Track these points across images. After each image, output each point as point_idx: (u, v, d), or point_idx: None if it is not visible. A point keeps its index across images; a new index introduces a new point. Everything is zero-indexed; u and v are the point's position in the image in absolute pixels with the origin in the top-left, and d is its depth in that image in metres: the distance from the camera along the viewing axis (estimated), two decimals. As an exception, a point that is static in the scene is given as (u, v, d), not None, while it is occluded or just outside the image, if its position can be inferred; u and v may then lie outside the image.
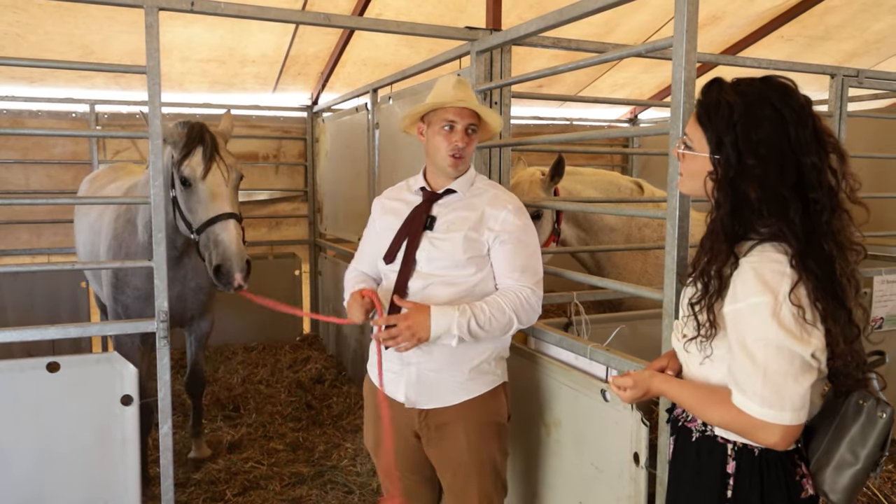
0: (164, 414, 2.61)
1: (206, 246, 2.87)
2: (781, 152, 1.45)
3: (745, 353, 1.42)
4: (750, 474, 1.52)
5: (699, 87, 1.90)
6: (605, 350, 2.32)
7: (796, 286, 1.39)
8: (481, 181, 2.38)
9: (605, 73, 6.32)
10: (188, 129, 2.93)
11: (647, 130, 2.29)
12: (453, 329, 2.07)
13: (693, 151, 1.57)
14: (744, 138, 1.46)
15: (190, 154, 2.88)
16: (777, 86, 1.50)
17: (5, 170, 5.29)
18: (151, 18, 2.45)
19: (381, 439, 2.27)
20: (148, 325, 2.57)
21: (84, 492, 2.55)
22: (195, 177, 2.88)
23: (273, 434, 4.40)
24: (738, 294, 1.44)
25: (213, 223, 2.83)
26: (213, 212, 2.85)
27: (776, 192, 1.44)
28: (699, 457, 1.60)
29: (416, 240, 2.25)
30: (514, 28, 2.73)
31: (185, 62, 5.20)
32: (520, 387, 2.72)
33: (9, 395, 2.42)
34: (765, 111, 1.46)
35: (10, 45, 4.68)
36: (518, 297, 2.19)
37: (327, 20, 2.70)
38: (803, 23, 5.70)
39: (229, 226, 2.84)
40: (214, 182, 2.89)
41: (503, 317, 2.15)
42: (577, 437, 2.44)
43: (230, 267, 2.81)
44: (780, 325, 1.38)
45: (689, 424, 1.64)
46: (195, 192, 2.89)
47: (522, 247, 2.24)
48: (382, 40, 5.27)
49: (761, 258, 1.44)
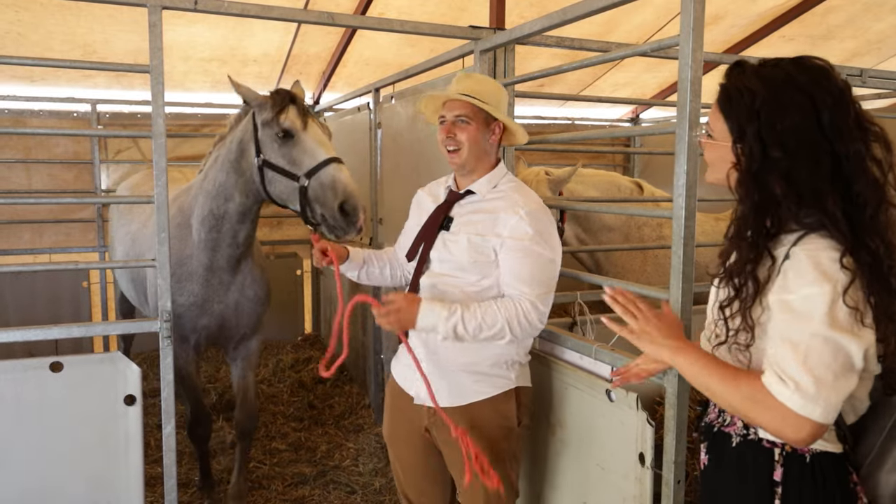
0: (167, 414, 2.60)
1: (318, 191, 2.69)
2: (813, 142, 1.33)
3: (786, 340, 1.30)
4: (801, 482, 1.38)
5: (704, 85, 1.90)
6: (611, 350, 2.31)
7: (851, 284, 1.27)
8: (506, 183, 2.28)
9: (607, 73, 6.31)
10: (274, 92, 2.86)
11: (653, 130, 2.28)
12: (439, 327, 2.08)
13: (714, 140, 1.47)
14: (767, 128, 1.34)
15: (285, 109, 2.78)
16: (809, 67, 1.37)
17: (7, 169, 5.28)
18: (155, 17, 2.44)
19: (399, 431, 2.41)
20: (151, 324, 2.57)
21: (87, 491, 2.54)
22: (296, 128, 2.77)
23: (275, 434, 4.40)
24: (791, 284, 1.32)
25: (327, 164, 2.69)
26: (322, 156, 2.72)
27: (811, 185, 1.32)
28: (741, 463, 1.46)
29: (432, 239, 2.28)
30: (518, 27, 2.73)
31: (186, 61, 5.19)
32: (524, 387, 2.72)
33: (12, 394, 2.41)
34: (792, 97, 1.34)
35: (11, 43, 4.67)
36: (516, 309, 2.11)
37: (331, 19, 2.69)
38: (805, 22, 5.69)
39: (342, 167, 2.72)
40: (316, 132, 2.82)
41: (495, 325, 2.08)
42: (581, 438, 2.43)
43: (355, 203, 2.66)
44: (833, 319, 1.26)
45: (728, 429, 1.51)
46: (298, 142, 2.77)
47: (531, 256, 2.14)
48: (384, 40, 5.26)
49: (815, 246, 1.32)
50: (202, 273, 3.13)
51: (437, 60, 3.44)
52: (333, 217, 2.68)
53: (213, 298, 3.18)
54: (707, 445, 1.59)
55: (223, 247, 3.10)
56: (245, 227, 3.09)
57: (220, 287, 3.19)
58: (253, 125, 2.89)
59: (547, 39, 3.01)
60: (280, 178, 2.82)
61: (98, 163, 5.45)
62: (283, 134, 2.77)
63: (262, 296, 3.36)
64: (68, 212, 5.42)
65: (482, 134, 2.23)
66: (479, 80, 2.28)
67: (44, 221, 5.40)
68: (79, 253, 5.40)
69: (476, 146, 2.22)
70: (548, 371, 2.60)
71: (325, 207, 2.69)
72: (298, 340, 6.13)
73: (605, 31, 5.44)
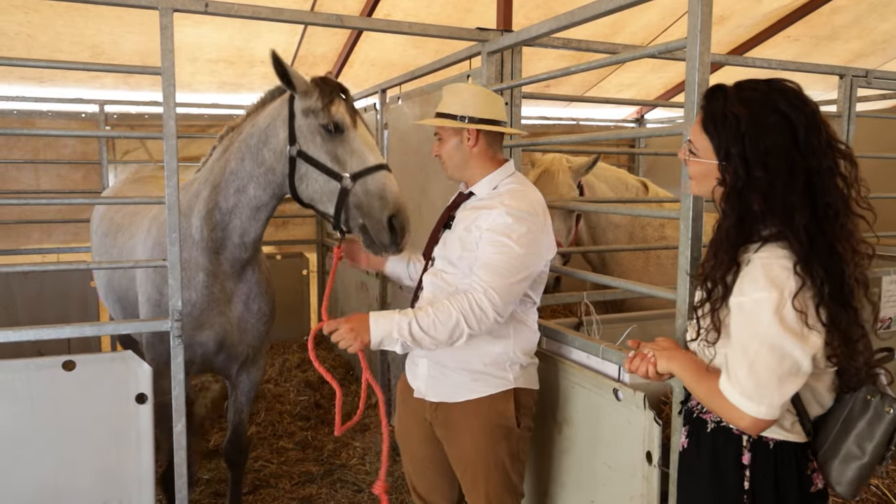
0: (178, 412, 2.62)
1: (364, 199, 2.41)
2: (790, 159, 1.47)
3: (740, 344, 1.47)
4: (765, 466, 1.55)
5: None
6: (618, 349, 2.33)
7: (801, 290, 1.42)
8: (507, 185, 2.28)
9: (612, 74, 6.33)
10: (323, 80, 2.58)
11: (660, 131, 2.30)
12: (394, 333, 2.03)
13: (698, 157, 1.60)
14: (752, 149, 1.48)
15: (335, 101, 2.51)
16: (784, 90, 1.51)
17: (16, 170, 5.32)
18: (166, 20, 2.46)
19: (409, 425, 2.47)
20: (161, 324, 2.59)
21: (98, 490, 2.56)
22: (347, 123, 2.49)
23: (282, 433, 4.43)
24: (745, 288, 1.48)
25: (378, 170, 2.42)
26: (372, 160, 2.45)
27: (783, 199, 1.46)
28: (715, 447, 1.64)
29: (436, 237, 2.37)
30: (525, 29, 2.74)
31: (194, 62, 5.23)
32: (531, 386, 2.74)
33: (25, 393, 2.43)
34: (771, 118, 1.48)
35: (20, 45, 4.71)
36: (469, 300, 2.06)
37: (340, 21, 2.71)
38: (810, 23, 5.70)
39: (392, 178, 2.44)
40: (366, 132, 2.55)
41: (449, 321, 2.03)
42: (589, 437, 2.45)
43: (405, 220, 2.39)
44: (780, 322, 1.41)
45: (705, 416, 1.67)
46: (347, 140, 2.48)
47: (497, 245, 2.10)
48: (390, 41, 5.29)
49: (770, 255, 1.47)
50: (202, 279, 2.79)
51: (445, 62, 3.46)
52: (378, 230, 2.40)
53: (214, 309, 2.83)
54: (688, 429, 1.74)
55: (228, 247, 2.78)
56: (256, 225, 2.77)
57: (223, 296, 2.85)
58: (289, 111, 2.60)
59: (554, 41, 3.02)
60: (317, 174, 2.53)
61: (106, 163, 5.49)
62: (334, 127, 2.48)
63: (267, 312, 3.02)
64: (76, 212, 5.46)
65: (454, 145, 2.31)
66: (455, 92, 2.31)
67: (52, 221, 5.44)
68: (87, 252, 5.43)
69: (452, 157, 2.33)
70: (554, 370, 2.62)
71: (369, 218, 2.41)
72: (304, 340, 6.15)
73: (611, 33, 5.46)
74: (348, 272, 4.96)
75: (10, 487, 2.45)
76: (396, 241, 2.39)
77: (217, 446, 4.19)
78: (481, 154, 2.30)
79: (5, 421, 2.42)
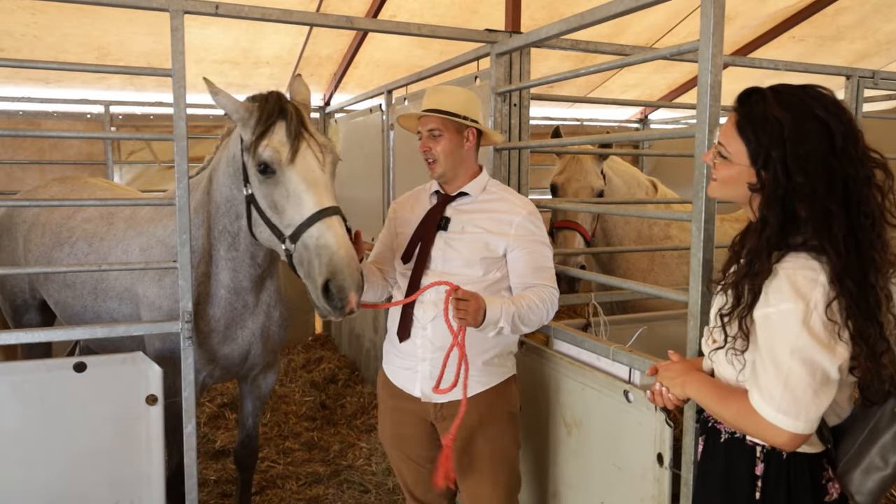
0: (188, 413, 2.63)
1: (304, 257, 2.12)
2: (829, 166, 1.44)
3: (771, 358, 1.44)
4: (777, 477, 1.54)
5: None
6: (629, 351, 2.33)
7: (832, 302, 1.40)
8: (494, 185, 2.46)
9: (616, 74, 6.33)
10: (262, 101, 2.23)
11: (673, 133, 2.30)
12: (501, 321, 2.13)
13: (730, 161, 1.56)
14: (792, 155, 1.45)
15: (269, 130, 2.16)
16: (821, 97, 1.49)
17: (21, 170, 5.33)
18: (177, 22, 2.46)
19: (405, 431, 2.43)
20: (172, 325, 2.59)
21: (110, 491, 2.57)
22: (280, 161, 2.14)
23: (288, 433, 4.43)
24: (771, 299, 1.45)
25: (312, 224, 2.09)
26: (309, 208, 2.11)
27: (824, 207, 1.43)
28: (728, 458, 1.62)
29: (430, 239, 2.36)
30: (535, 31, 2.75)
31: (199, 63, 5.23)
32: (540, 387, 2.74)
33: (36, 395, 2.44)
34: (811, 125, 1.45)
35: (27, 46, 4.71)
36: (546, 295, 2.29)
37: (349, 23, 2.72)
38: (815, 23, 5.70)
39: (333, 224, 2.09)
40: (307, 166, 2.16)
41: (540, 311, 2.25)
42: (598, 438, 2.45)
43: (343, 283, 2.01)
44: (809, 332, 1.39)
45: (719, 426, 1.66)
46: (281, 182, 2.16)
47: (539, 249, 2.34)
48: (395, 42, 5.29)
49: (795, 265, 1.44)
50: (223, 294, 2.69)
51: (452, 63, 3.47)
52: (315, 294, 2.09)
53: (237, 323, 2.76)
54: (704, 438, 1.73)
55: (244, 267, 2.66)
56: (262, 248, 2.59)
57: (245, 311, 2.76)
58: (241, 141, 2.34)
59: (562, 43, 3.03)
60: (263, 226, 2.29)
61: (111, 164, 5.50)
62: (264, 168, 2.17)
63: (286, 316, 2.93)
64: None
65: (456, 143, 2.34)
66: (448, 93, 2.38)
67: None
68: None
69: (451, 156, 2.34)
70: (563, 371, 2.62)
71: (308, 279, 2.11)
72: (309, 340, 6.16)
73: (616, 33, 5.46)
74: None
75: (22, 488, 2.45)
76: (337, 307, 2.05)
77: (224, 447, 4.20)
78: (471, 156, 2.42)
79: (17, 422, 2.43)
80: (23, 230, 3.43)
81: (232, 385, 5.05)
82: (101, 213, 3.17)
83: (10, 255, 3.47)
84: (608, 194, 3.75)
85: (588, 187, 3.64)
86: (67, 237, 3.17)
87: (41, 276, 3.29)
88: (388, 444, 2.55)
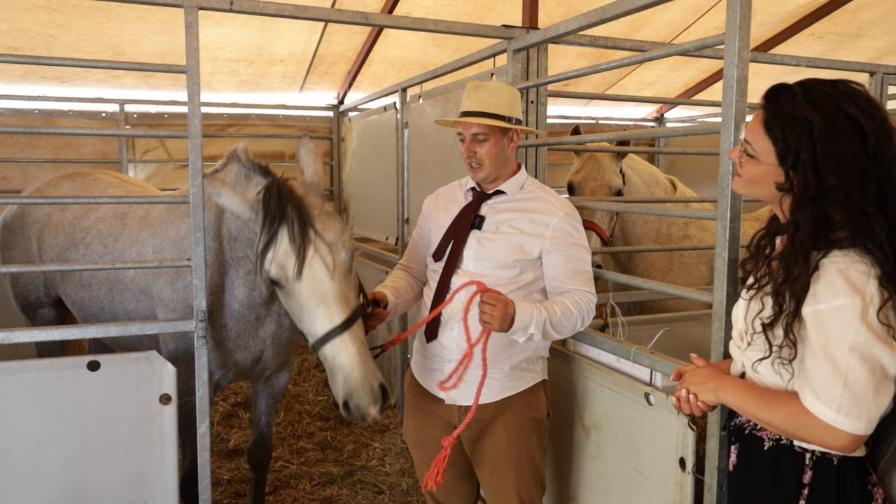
0: (202, 413, 2.61)
1: (326, 365, 2.11)
2: (862, 167, 1.39)
3: (826, 357, 1.37)
4: (826, 484, 1.47)
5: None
6: (650, 353, 2.28)
7: (886, 304, 1.34)
8: (532, 184, 2.38)
9: (632, 72, 6.27)
10: (264, 200, 2.10)
11: (698, 129, 2.25)
12: (531, 327, 2.05)
13: (757, 160, 1.51)
14: (823, 155, 1.40)
15: (273, 240, 2.06)
16: (853, 93, 1.43)
17: (37, 168, 5.35)
18: (191, 18, 2.44)
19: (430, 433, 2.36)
20: (186, 324, 2.57)
21: (123, 490, 2.55)
22: (286, 277, 2.06)
23: (301, 433, 4.41)
24: (821, 295, 1.38)
25: (325, 343, 2.05)
26: (320, 328, 2.05)
27: (860, 209, 1.38)
28: (773, 465, 1.55)
29: (463, 238, 2.29)
30: (553, 26, 2.70)
31: (213, 62, 5.23)
32: (558, 389, 2.69)
33: (50, 393, 2.43)
34: (842, 123, 1.40)
35: (42, 45, 4.73)
36: (583, 301, 2.21)
37: (365, 19, 2.69)
38: (836, 20, 5.60)
39: (346, 342, 2.03)
40: (314, 280, 2.06)
41: (573, 318, 2.17)
42: (618, 441, 2.40)
43: (359, 402, 2.01)
44: (868, 327, 1.33)
45: (760, 433, 1.58)
46: (293, 295, 2.10)
47: (577, 252, 2.27)
48: (410, 39, 5.26)
49: (846, 260, 1.38)
50: (237, 308, 2.70)
51: (468, 60, 3.42)
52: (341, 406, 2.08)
53: (248, 333, 2.78)
54: (738, 447, 1.65)
55: (260, 287, 2.58)
56: None
57: (258, 322, 2.76)
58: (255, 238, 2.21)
59: (580, 38, 2.98)
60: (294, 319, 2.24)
61: (126, 162, 5.51)
62: (272, 282, 2.12)
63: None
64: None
65: (501, 146, 2.28)
66: (491, 91, 2.28)
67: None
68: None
69: (497, 159, 2.29)
70: (582, 373, 2.58)
71: (334, 390, 2.10)
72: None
73: (633, 30, 5.40)
74: (366, 267, 4.93)
75: (36, 486, 2.44)
76: (356, 420, 2.05)
77: (237, 446, 4.18)
78: (512, 155, 2.36)
79: (31, 420, 2.41)
80: (36, 230, 3.42)
81: (245, 384, 5.04)
82: (115, 212, 3.15)
83: (24, 252, 3.47)
84: (627, 193, 3.68)
85: (606, 186, 3.58)
86: (82, 238, 3.16)
87: (57, 276, 3.29)
88: (411, 445, 2.52)
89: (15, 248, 3.53)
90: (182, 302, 2.73)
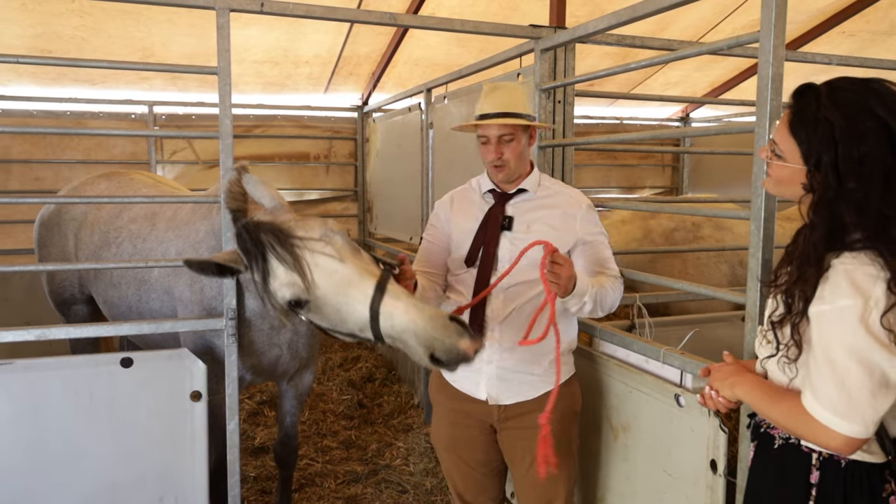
0: (231, 410, 2.64)
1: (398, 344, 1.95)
2: (887, 168, 1.36)
3: (826, 358, 1.37)
4: (833, 486, 1.46)
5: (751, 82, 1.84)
6: (680, 353, 2.26)
7: (892, 308, 1.32)
8: (547, 180, 2.41)
9: (657, 72, 6.21)
10: (239, 245, 2.00)
11: (730, 129, 2.22)
12: (585, 295, 2.08)
13: (783, 161, 1.51)
14: (845, 158, 1.38)
15: (268, 273, 1.95)
16: (882, 93, 1.40)
17: (69, 169, 5.45)
18: (223, 20, 2.48)
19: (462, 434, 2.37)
20: (217, 322, 2.61)
21: (155, 485, 2.59)
22: (304, 289, 1.92)
23: (326, 432, 4.44)
24: (826, 296, 1.38)
25: (376, 317, 1.89)
26: (361, 308, 1.89)
27: (878, 212, 1.36)
28: (782, 465, 1.55)
29: (494, 241, 2.28)
30: (581, 25, 2.69)
31: (240, 63, 5.28)
32: (585, 389, 2.67)
33: (85, 389, 2.47)
34: (867, 124, 1.37)
35: (74, 48, 4.82)
36: (618, 284, 2.27)
37: (393, 19, 2.70)
38: (867, 17, 5.51)
39: (392, 302, 1.88)
40: (329, 273, 1.93)
41: (612, 297, 2.21)
42: (647, 443, 2.38)
43: (444, 345, 1.83)
44: (867, 330, 1.32)
45: (772, 431, 1.59)
46: (320, 306, 1.95)
47: (602, 241, 2.33)
48: (434, 40, 5.27)
49: (855, 262, 1.37)
50: (249, 317, 2.71)
51: (495, 59, 3.42)
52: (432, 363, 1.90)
53: (264, 341, 2.79)
54: (755, 445, 1.66)
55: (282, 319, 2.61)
56: None
57: (272, 331, 2.78)
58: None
59: (608, 38, 2.96)
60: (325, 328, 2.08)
61: (154, 163, 5.59)
62: (295, 304, 1.96)
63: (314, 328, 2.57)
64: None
65: (525, 143, 2.30)
66: (509, 91, 2.28)
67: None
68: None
69: (520, 158, 2.30)
70: (610, 373, 2.56)
71: (417, 356, 1.91)
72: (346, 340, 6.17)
73: (659, 30, 5.36)
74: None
75: (72, 480, 2.49)
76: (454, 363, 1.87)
77: (263, 444, 4.22)
78: (529, 152, 2.37)
79: (67, 416, 2.46)
80: (73, 227, 3.47)
81: (271, 383, 5.09)
82: (146, 212, 3.20)
83: (61, 250, 3.54)
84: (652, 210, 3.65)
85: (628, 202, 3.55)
86: (115, 237, 3.20)
87: (91, 275, 3.34)
88: (441, 447, 2.49)
89: (52, 246, 3.61)
90: (199, 303, 2.75)
